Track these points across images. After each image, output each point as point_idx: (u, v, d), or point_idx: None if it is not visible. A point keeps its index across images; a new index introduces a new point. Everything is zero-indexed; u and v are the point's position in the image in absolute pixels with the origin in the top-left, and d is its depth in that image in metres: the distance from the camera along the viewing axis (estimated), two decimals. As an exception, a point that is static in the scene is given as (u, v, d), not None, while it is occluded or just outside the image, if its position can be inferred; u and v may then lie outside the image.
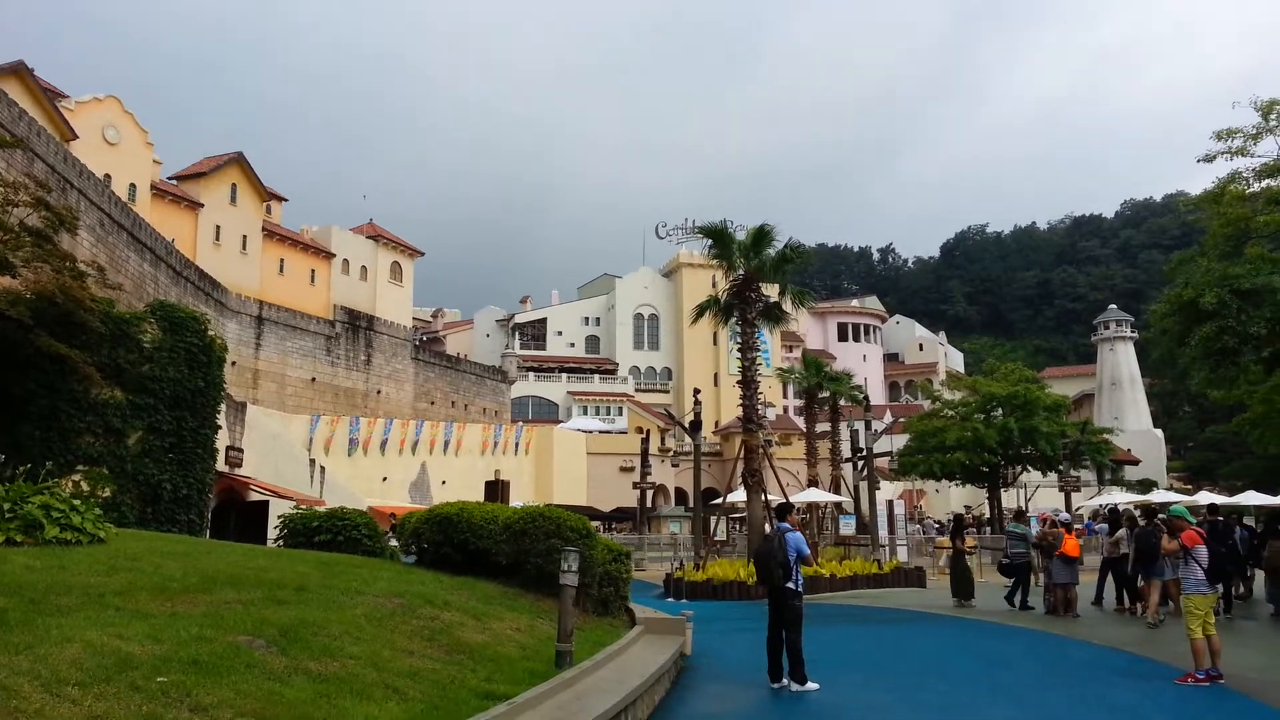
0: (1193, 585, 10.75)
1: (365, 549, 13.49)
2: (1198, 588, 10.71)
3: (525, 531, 11.93)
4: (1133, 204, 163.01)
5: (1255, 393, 24.00)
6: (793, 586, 10.31)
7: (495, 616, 9.94)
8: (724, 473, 53.05)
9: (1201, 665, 10.38)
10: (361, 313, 62.59)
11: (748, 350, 26.32)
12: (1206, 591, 10.77)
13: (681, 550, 34.29)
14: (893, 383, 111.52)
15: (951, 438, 42.36)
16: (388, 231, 68.47)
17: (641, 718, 8.47)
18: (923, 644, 14.80)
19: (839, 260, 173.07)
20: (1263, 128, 20.87)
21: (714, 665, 11.86)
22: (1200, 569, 10.70)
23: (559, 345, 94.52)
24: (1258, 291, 17.21)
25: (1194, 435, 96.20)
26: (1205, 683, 10.22)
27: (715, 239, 26.31)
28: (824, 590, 23.49)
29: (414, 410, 63.70)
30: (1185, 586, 10.95)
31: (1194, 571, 10.74)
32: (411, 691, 6.56)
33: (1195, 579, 10.73)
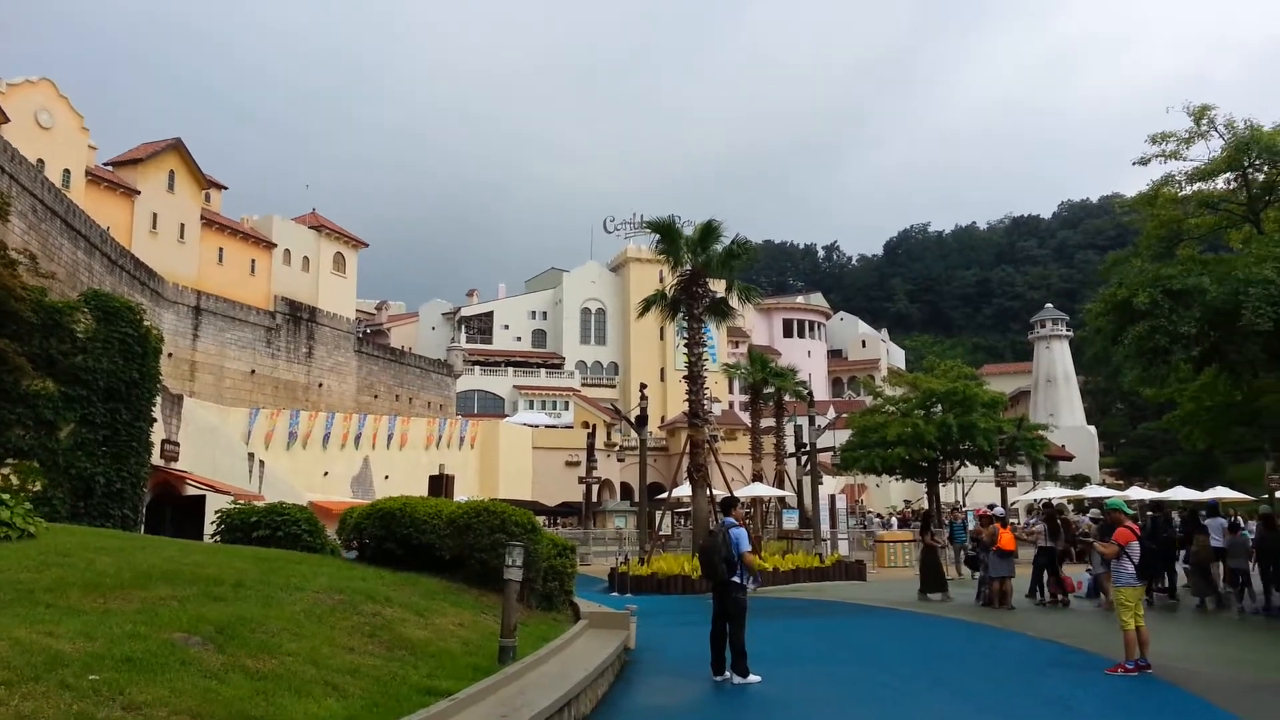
0: (1123, 579, 11.04)
1: (306, 545, 13.28)
2: (1128, 581, 11.00)
3: (469, 526, 11.86)
4: (1070, 205, 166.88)
5: (1185, 391, 24.73)
6: (737, 581, 10.42)
7: (438, 612, 9.87)
8: (670, 467, 53.24)
9: (1131, 656, 10.68)
10: (303, 304, 61.55)
11: (694, 345, 26.45)
12: (1137, 584, 11.08)
13: (627, 545, 34.35)
14: (836, 378, 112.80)
15: (892, 433, 42.99)
16: (331, 222, 67.40)
17: (585, 712, 8.49)
18: (863, 636, 15.04)
19: (785, 257, 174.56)
20: (1195, 132, 21.50)
21: (658, 659, 11.92)
22: (1131, 563, 11.00)
23: (505, 339, 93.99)
24: (1188, 292, 17.71)
25: (1126, 432, 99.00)
26: (1134, 673, 10.51)
27: (663, 234, 26.39)
28: (767, 584, 23.71)
29: (357, 404, 62.86)
30: (1116, 580, 11.24)
31: (1125, 565, 11.03)
32: (352, 688, 6.50)
33: (1125, 572, 11.02)
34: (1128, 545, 11.04)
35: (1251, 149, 20.45)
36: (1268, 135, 20.40)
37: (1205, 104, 21.42)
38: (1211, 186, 21.93)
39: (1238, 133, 20.74)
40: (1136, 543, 11.14)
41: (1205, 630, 15.66)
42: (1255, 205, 21.51)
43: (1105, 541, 11.82)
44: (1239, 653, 12.99)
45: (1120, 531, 11.22)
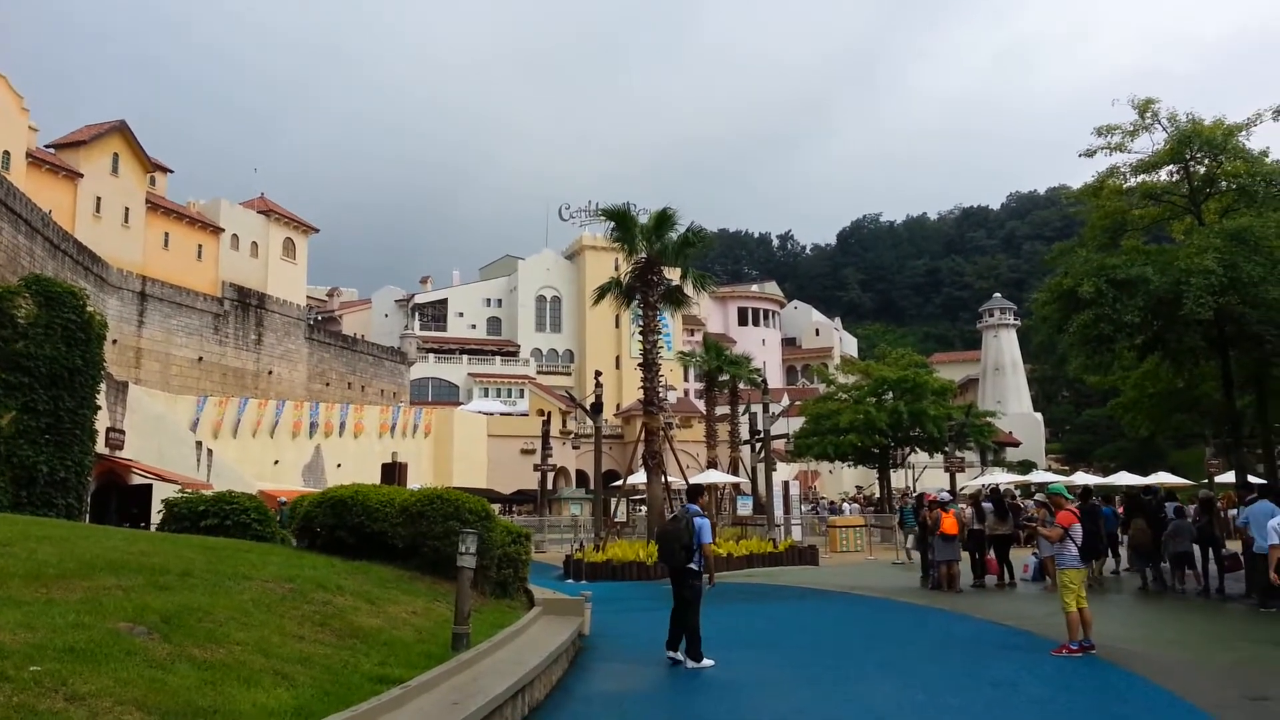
0: (1067, 561, 11.24)
1: (255, 534, 13.11)
2: (1072, 563, 11.20)
3: (423, 514, 11.79)
4: (1018, 196, 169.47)
5: (1128, 378, 25.23)
6: (694, 567, 10.50)
7: (390, 600, 9.81)
8: (625, 455, 53.30)
9: (1075, 637, 10.90)
10: (252, 290, 60.55)
11: (649, 333, 26.47)
12: (1080, 566, 11.31)
13: (582, 532, 34.37)
14: (790, 366, 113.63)
15: (845, 420, 43.47)
16: (280, 206, 66.33)
17: (539, 698, 8.50)
18: (815, 620, 15.23)
19: (740, 246, 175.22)
20: (1139, 125, 21.85)
21: (612, 645, 11.96)
22: (1075, 546, 11.22)
23: (460, 326, 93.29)
24: (1132, 281, 18.07)
25: (1071, 419, 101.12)
26: (1078, 653, 10.74)
27: (618, 222, 26.34)
28: (721, 569, 23.83)
29: (308, 392, 62.07)
30: (1060, 562, 11.44)
31: (1068, 548, 11.23)
32: (302, 677, 6.43)
33: (1069, 555, 11.23)
34: (1070, 528, 11.24)
35: (1193, 142, 20.87)
36: (1208, 129, 20.83)
37: (1149, 97, 21.77)
38: (1155, 178, 22.32)
39: (1180, 126, 21.15)
40: (1079, 525, 11.36)
41: (1147, 612, 16.07)
42: (1196, 197, 21.97)
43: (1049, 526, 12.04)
44: (1180, 633, 13.36)
45: (1063, 514, 11.42)
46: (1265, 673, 9.88)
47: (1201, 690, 8.88)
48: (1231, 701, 8.39)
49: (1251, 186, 20.45)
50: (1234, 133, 20.84)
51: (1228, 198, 21.59)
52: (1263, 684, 9.22)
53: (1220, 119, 21.20)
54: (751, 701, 8.62)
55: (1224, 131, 20.78)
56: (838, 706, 8.34)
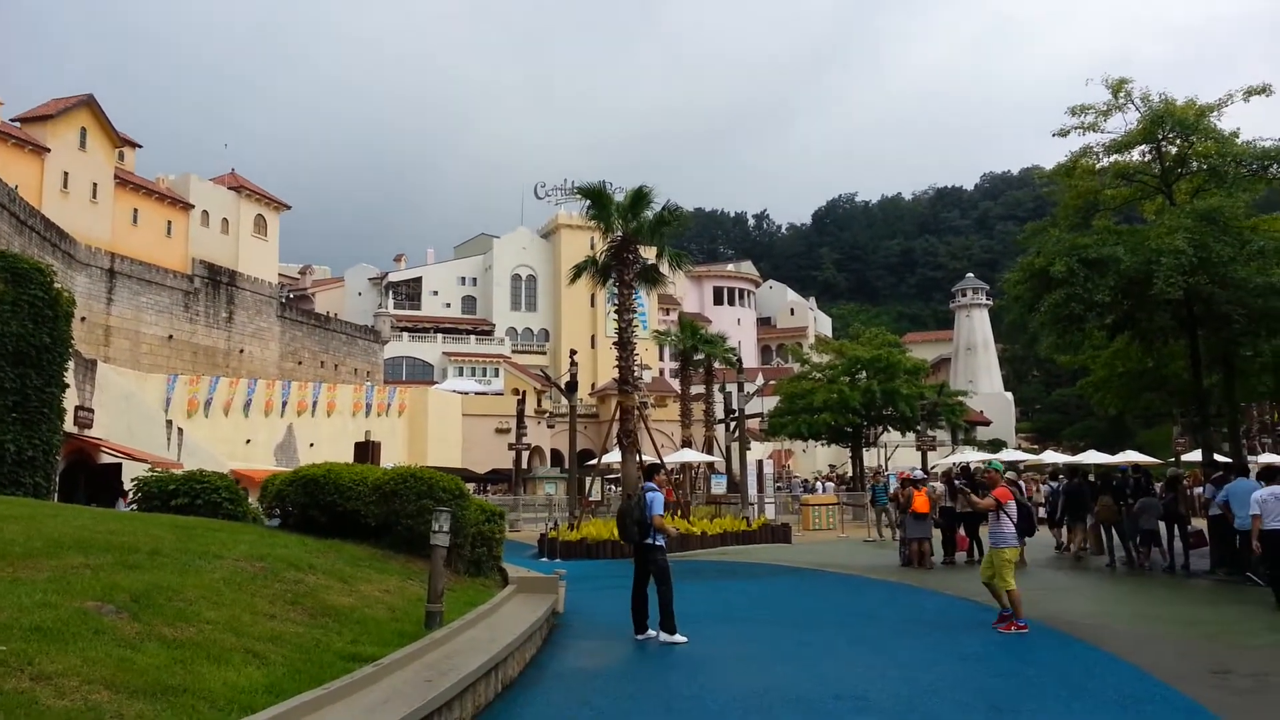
0: (1003, 539, 11.16)
1: (226, 513, 13.00)
2: (1008, 540, 11.14)
3: (396, 492, 11.73)
4: (991, 177, 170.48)
5: (1098, 357, 25.49)
6: (652, 542, 10.55)
7: (363, 579, 9.77)
8: (600, 434, 53.36)
9: (1020, 613, 10.85)
10: (223, 267, 59.83)
11: (625, 312, 26.44)
12: (1016, 544, 11.27)
13: (556, 511, 34.39)
14: (765, 346, 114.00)
15: (819, 399, 43.65)
16: (251, 182, 65.49)
17: (513, 675, 8.51)
18: (788, 597, 15.35)
19: (715, 225, 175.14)
20: (1113, 105, 21.97)
21: (586, 622, 12.00)
22: (1010, 523, 11.15)
23: (434, 305, 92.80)
24: (1103, 261, 18.22)
25: (1041, 398, 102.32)
26: (1025, 630, 10.74)
27: (594, 200, 26.22)
28: (695, 547, 24.01)
29: (280, 370, 61.55)
30: (996, 540, 11.29)
31: (1004, 526, 11.15)
32: (273, 655, 6.40)
33: (1005, 533, 11.15)
34: (1006, 504, 11.17)
35: (1165, 122, 21.01)
36: (1180, 109, 20.98)
37: (1123, 77, 21.88)
38: (1127, 158, 22.46)
39: (1153, 106, 21.28)
40: (1014, 502, 11.30)
41: (1114, 588, 16.30)
42: (1168, 177, 22.16)
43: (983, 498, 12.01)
44: (1146, 609, 13.57)
45: (999, 490, 11.35)
46: (1228, 647, 10.06)
47: (1166, 665, 9.02)
48: (1195, 675, 8.54)
49: (1222, 167, 20.63)
50: (1205, 113, 21.00)
51: (1198, 178, 21.78)
52: (1226, 658, 9.38)
53: (1192, 100, 21.35)
54: (725, 677, 8.67)
55: (1196, 112, 20.93)
56: (810, 681, 8.41)
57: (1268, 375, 21.74)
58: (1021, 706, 7.48)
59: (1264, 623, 11.70)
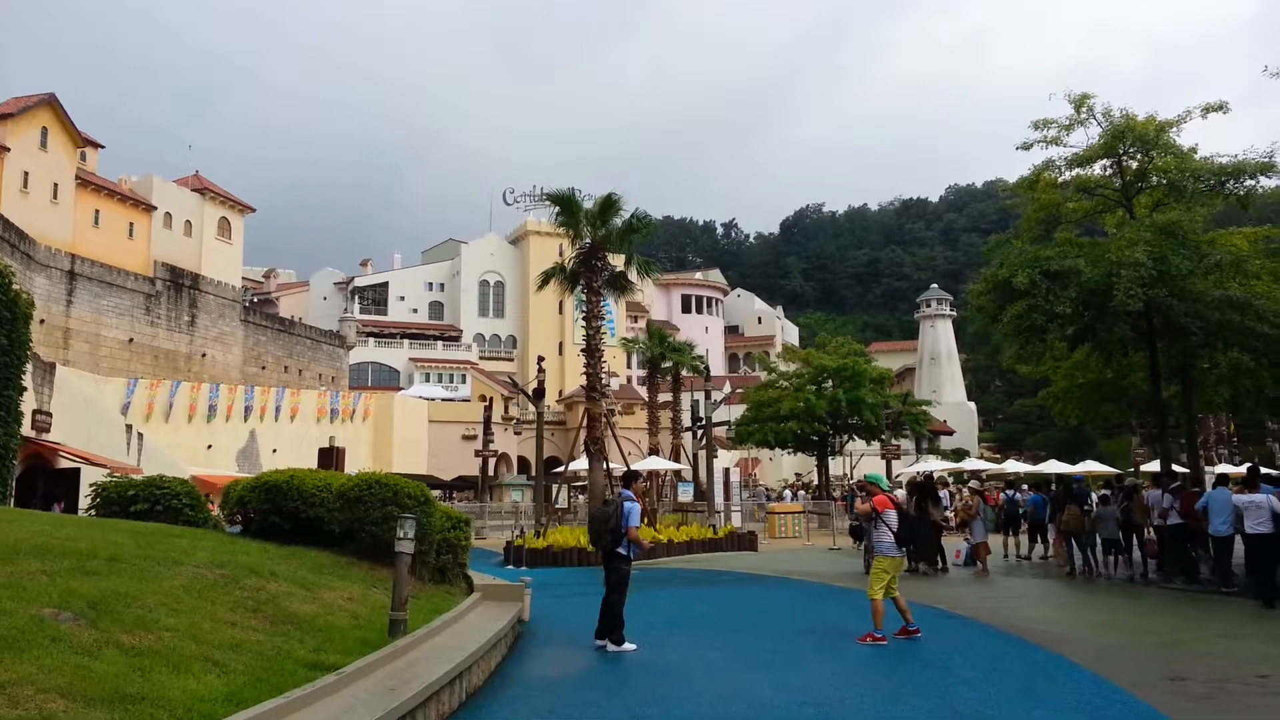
0: (882, 548, 11.09)
1: (187, 519, 12.80)
2: (887, 550, 11.06)
3: (360, 499, 11.63)
4: (956, 189, 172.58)
5: (1059, 368, 25.83)
6: (622, 552, 10.54)
7: (326, 586, 9.67)
8: (567, 441, 53.22)
9: (880, 625, 10.70)
10: (185, 270, 59.08)
11: (593, 319, 26.40)
12: (895, 554, 11.13)
13: (523, 518, 34.24)
14: (733, 354, 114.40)
15: (785, 408, 43.91)
16: (215, 185, 64.73)
17: (477, 683, 8.46)
18: (753, 604, 15.39)
19: (684, 233, 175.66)
20: (1075, 119, 22.31)
21: (552, 630, 11.95)
22: (890, 532, 11.06)
23: (401, 310, 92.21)
24: (1065, 273, 18.47)
25: (1003, 408, 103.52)
26: (884, 641, 10.57)
27: (563, 207, 26.16)
28: (661, 555, 24.01)
29: (243, 375, 60.83)
30: (876, 549, 11.24)
31: (883, 535, 11.08)
32: (233, 663, 6.31)
33: (885, 542, 11.07)
34: (884, 512, 11.11)
35: (1126, 137, 21.37)
36: (1141, 125, 21.35)
37: (1085, 92, 22.24)
38: (1089, 172, 22.80)
39: (1114, 121, 21.64)
40: (894, 511, 11.20)
41: (1074, 595, 16.51)
42: (1129, 191, 22.53)
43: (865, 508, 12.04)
44: (1105, 616, 13.76)
45: (879, 499, 11.34)
46: (1184, 654, 10.22)
47: (1125, 672, 9.15)
48: (1152, 682, 8.67)
49: (1181, 182, 21.01)
50: (1165, 129, 21.39)
51: (1158, 192, 22.17)
52: (1182, 665, 9.53)
53: (1152, 115, 21.74)
54: (689, 684, 8.68)
55: (1156, 128, 21.31)
56: (774, 689, 8.43)
57: (1224, 387, 22.08)
58: (984, 713, 7.55)
59: (1218, 630, 11.91)
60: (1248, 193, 21.19)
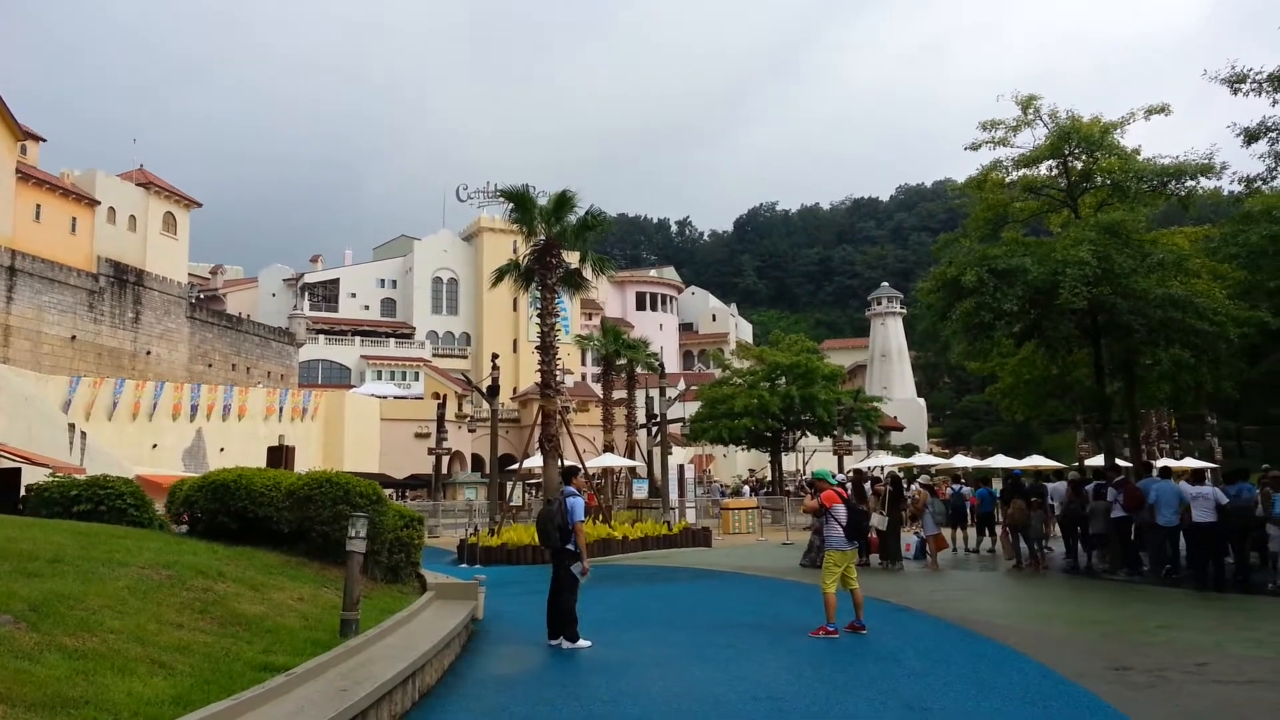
0: (832, 542, 11.19)
1: (131, 519, 12.57)
2: (836, 544, 11.16)
3: (310, 498, 11.49)
4: (906, 189, 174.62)
5: (1006, 365, 26.30)
6: (571, 549, 10.52)
7: (275, 587, 9.54)
8: (521, 439, 53.04)
9: (832, 619, 10.83)
10: (130, 266, 57.79)
11: (547, 316, 26.32)
12: (845, 548, 11.23)
13: (477, 516, 34.05)
14: (687, 351, 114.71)
15: (739, 405, 44.13)
16: (161, 179, 63.36)
17: (430, 683, 8.40)
18: (707, 600, 15.46)
19: (639, 231, 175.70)
20: (1022, 121, 22.74)
21: (506, 628, 11.92)
22: (839, 526, 11.15)
23: (352, 307, 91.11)
24: (1011, 271, 18.80)
25: (952, 404, 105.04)
26: (836, 635, 10.70)
27: (517, 203, 26.04)
28: (616, 552, 24.04)
29: (189, 373, 59.69)
30: (826, 543, 11.35)
31: (833, 529, 11.17)
32: (180, 665, 6.21)
33: (834, 536, 11.16)
34: (833, 507, 11.21)
35: (1072, 138, 21.83)
36: (1086, 126, 21.82)
37: (1032, 94, 22.68)
38: (1035, 173, 23.26)
39: (1060, 123, 22.09)
40: (842, 506, 11.28)
41: (1022, 589, 16.82)
42: (1074, 191, 23.01)
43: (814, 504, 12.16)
44: (1052, 608, 14.04)
45: (826, 494, 11.43)
46: (1126, 644, 10.47)
47: (1070, 662, 9.34)
48: (1096, 672, 8.86)
49: (1124, 182, 21.52)
50: (1110, 130, 21.88)
51: (1102, 192, 22.67)
52: (1124, 655, 9.75)
53: (1097, 117, 22.23)
54: (643, 680, 8.70)
55: (1100, 129, 21.79)
56: (728, 683, 8.48)
57: (1166, 383, 22.66)
58: (933, 704, 7.67)
59: (1159, 620, 12.21)
60: (1189, 193, 21.77)
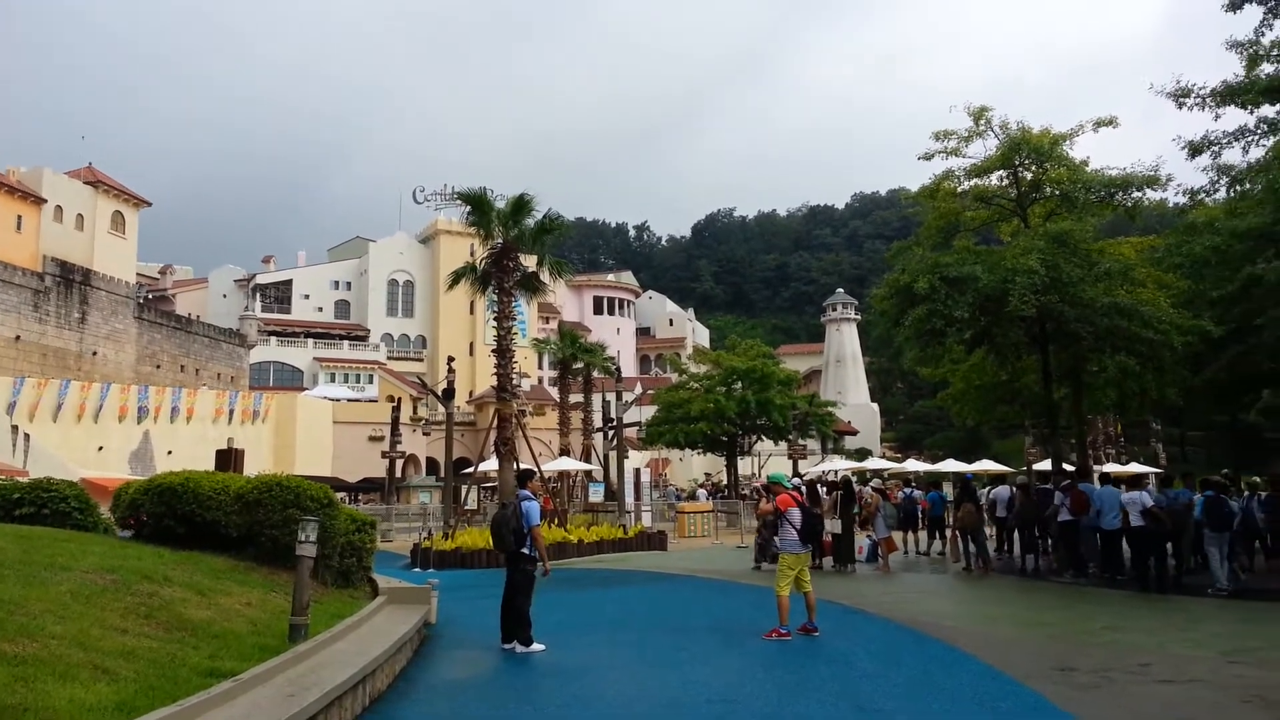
0: (785, 545, 11.29)
1: (75, 523, 12.28)
2: (790, 547, 11.26)
3: (260, 501, 11.33)
4: (861, 196, 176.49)
5: (957, 370, 26.67)
6: (526, 552, 10.50)
7: (223, 591, 9.38)
8: (477, 442, 52.68)
9: (785, 621, 10.93)
10: (77, 265, 56.54)
11: (504, 319, 26.21)
12: (799, 551, 11.33)
13: (431, 520, 33.77)
14: (644, 356, 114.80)
15: (696, 409, 44.30)
16: (109, 177, 62.08)
17: (381, 688, 8.32)
18: (662, 603, 15.49)
19: (596, 235, 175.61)
20: (974, 131, 23.10)
21: (460, 632, 11.84)
22: (793, 530, 11.26)
23: (306, 309, 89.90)
24: (963, 279, 19.09)
25: (905, 409, 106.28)
26: (788, 637, 10.80)
27: (474, 206, 25.92)
28: (571, 555, 23.99)
29: (137, 374, 58.51)
30: (780, 546, 11.44)
31: (787, 533, 11.29)
32: (124, 671, 6.08)
33: (788, 539, 11.28)
34: (787, 511, 11.32)
35: (1022, 149, 22.23)
36: (1036, 137, 22.23)
37: (984, 105, 23.06)
38: (986, 182, 23.64)
39: (1010, 134, 22.49)
40: (797, 509, 11.38)
41: (970, 591, 17.06)
42: (1023, 201, 23.42)
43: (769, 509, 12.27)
44: (999, 610, 14.26)
45: (781, 498, 11.55)
46: (1072, 646, 10.67)
47: (1017, 663, 9.50)
48: (1043, 672, 9.02)
49: (1073, 193, 21.95)
50: (1059, 142, 22.30)
51: (1051, 202, 23.10)
52: (1070, 656, 9.94)
53: (1047, 128, 22.64)
54: (597, 685, 8.69)
55: (1050, 140, 22.20)
56: (681, 686, 8.51)
57: (1112, 389, 23.14)
58: (884, 705, 7.75)
59: (1104, 622, 12.46)
60: (1135, 204, 22.25)
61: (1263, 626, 12.04)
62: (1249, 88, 17.53)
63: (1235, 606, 13.94)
